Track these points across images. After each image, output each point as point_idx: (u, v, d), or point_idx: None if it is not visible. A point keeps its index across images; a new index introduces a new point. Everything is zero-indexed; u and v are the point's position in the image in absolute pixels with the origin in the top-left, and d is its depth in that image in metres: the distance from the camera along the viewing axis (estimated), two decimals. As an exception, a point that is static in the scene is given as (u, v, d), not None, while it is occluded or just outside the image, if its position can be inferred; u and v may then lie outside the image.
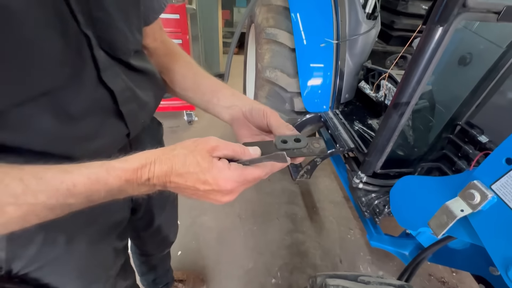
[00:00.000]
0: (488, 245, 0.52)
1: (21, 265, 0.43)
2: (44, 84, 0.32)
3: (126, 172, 0.32)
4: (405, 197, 0.79)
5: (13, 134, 0.33)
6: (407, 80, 0.73)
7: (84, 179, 0.31)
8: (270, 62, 1.36)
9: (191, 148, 0.34)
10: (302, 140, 0.40)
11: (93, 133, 0.40)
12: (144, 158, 0.33)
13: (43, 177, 0.30)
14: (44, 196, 0.29)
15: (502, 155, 0.49)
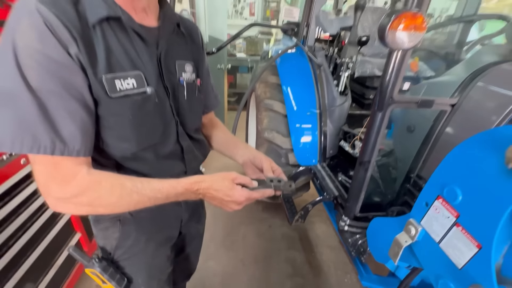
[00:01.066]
0: (424, 265, 0.72)
1: (119, 253, 0.70)
2: (154, 140, 0.63)
3: (186, 184, 0.59)
4: (376, 235, 1.00)
5: (136, 164, 0.63)
6: (365, 146, 1.01)
7: (168, 186, 0.57)
8: (268, 125, 1.68)
9: (222, 176, 0.62)
10: (281, 181, 0.68)
11: (170, 167, 0.70)
12: (196, 178, 0.60)
13: (150, 182, 0.57)
14: (149, 191, 0.56)
15: (423, 200, 0.73)
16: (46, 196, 0.53)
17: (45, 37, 0.46)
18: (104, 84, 0.53)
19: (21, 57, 0.45)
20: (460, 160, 0.63)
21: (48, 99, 0.47)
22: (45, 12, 0.46)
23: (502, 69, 0.92)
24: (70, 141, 0.50)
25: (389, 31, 0.66)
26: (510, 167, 0.50)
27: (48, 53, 0.46)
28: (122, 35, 0.56)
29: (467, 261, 0.60)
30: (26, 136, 0.47)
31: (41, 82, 0.46)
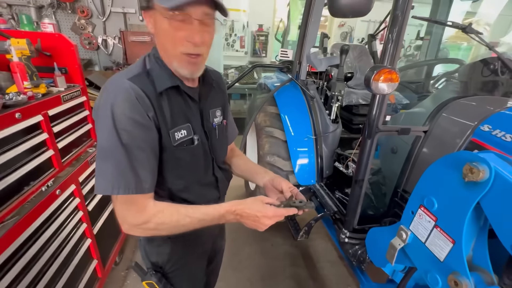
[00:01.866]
0: (417, 264, 0.89)
1: (169, 266, 0.84)
2: (199, 175, 0.81)
3: (226, 207, 0.71)
4: (374, 243, 1.16)
5: (185, 193, 0.79)
6: (359, 167, 1.21)
7: (213, 210, 0.70)
8: (269, 150, 1.87)
9: (253, 199, 0.73)
10: (302, 202, 0.81)
11: (209, 195, 0.87)
12: (233, 203, 0.72)
13: (198, 208, 0.70)
14: (198, 214, 0.69)
15: (409, 209, 0.92)
16: (122, 223, 0.68)
17: (136, 108, 0.63)
18: (170, 137, 0.71)
19: (117, 122, 0.62)
20: (433, 176, 0.83)
21: (134, 153, 0.63)
22: (135, 88, 0.64)
23: (460, 103, 1.18)
24: (145, 182, 0.66)
25: (373, 82, 0.89)
26: (466, 181, 0.70)
27: (137, 118, 0.63)
28: (179, 97, 0.74)
29: (446, 255, 0.78)
30: (121, 182, 0.63)
31: (130, 140, 0.63)
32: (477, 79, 1.27)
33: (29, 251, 1.03)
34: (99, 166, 0.65)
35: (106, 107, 0.63)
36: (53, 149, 1.20)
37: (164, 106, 0.70)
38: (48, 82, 1.30)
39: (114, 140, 0.62)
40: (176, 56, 0.68)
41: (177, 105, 0.73)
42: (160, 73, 0.70)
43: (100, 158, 0.65)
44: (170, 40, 0.66)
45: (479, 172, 0.66)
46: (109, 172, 0.63)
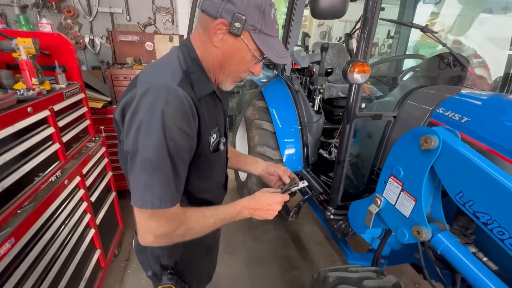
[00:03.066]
0: (389, 224, 1.08)
1: (181, 266, 0.86)
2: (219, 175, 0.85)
3: (242, 203, 0.77)
4: (354, 214, 1.35)
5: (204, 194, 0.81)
6: (340, 150, 1.39)
7: (232, 208, 0.75)
8: (259, 141, 2.02)
9: (260, 191, 0.82)
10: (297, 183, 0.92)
11: (221, 193, 0.92)
12: (245, 200, 0.78)
13: (219, 208, 0.73)
14: (220, 214, 0.72)
15: (382, 179, 1.10)
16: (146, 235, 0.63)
17: (186, 117, 0.60)
18: (209, 144, 0.71)
19: (167, 132, 0.57)
20: (399, 149, 1.02)
21: (177, 164, 0.61)
22: (187, 97, 0.60)
23: (421, 91, 1.39)
24: (181, 193, 0.65)
25: (349, 73, 1.06)
26: (422, 149, 0.88)
27: (185, 129, 0.60)
28: (212, 101, 0.74)
29: (411, 212, 0.96)
30: (168, 196, 0.60)
31: (175, 150, 0.59)
32: (435, 71, 1.49)
33: (44, 236, 1.10)
34: (145, 179, 0.59)
35: (153, 114, 0.57)
36: (59, 142, 1.28)
37: (203, 112, 0.67)
38: (50, 80, 1.37)
39: (163, 151, 0.58)
40: (233, 76, 0.72)
41: (211, 109, 0.72)
42: (200, 77, 0.68)
43: (145, 170, 0.59)
44: (239, 65, 0.68)
45: (431, 141, 0.85)
46: (156, 185, 0.59)
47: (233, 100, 4.51)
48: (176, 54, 0.68)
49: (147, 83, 0.60)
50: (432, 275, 1.13)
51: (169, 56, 0.70)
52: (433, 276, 1.12)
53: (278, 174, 0.97)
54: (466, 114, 1.07)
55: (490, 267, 0.82)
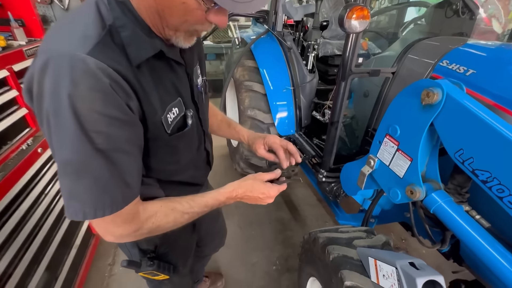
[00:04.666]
0: (382, 184, 1.04)
1: (163, 249, 0.80)
2: (193, 155, 0.72)
3: (226, 194, 0.67)
4: (347, 176, 1.31)
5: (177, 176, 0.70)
6: (334, 109, 1.30)
7: (211, 199, 0.65)
8: (249, 104, 1.91)
9: (253, 178, 0.70)
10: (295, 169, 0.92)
11: (203, 172, 0.82)
12: (232, 186, 0.68)
13: (195, 200, 0.63)
14: (197, 208, 0.62)
15: (376, 140, 1.04)
16: (104, 236, 0.54)
17: (110, 98, 0.43)
18: (164, 125, 0.55)
19: (86, 124, 0.42)
20: (397, 106, 0.94)
21: (116, 159, 0.46)
22: (106, 70, 0.42)
23: (424, 44, 1.26)
24: (133, 189, 0.51)
25: (346, 20, 0.93)
26: (423, 104, 0.80)
27: (114, 114, 0.44)
28: (162, 64, 0.54)
29: (405, 171, 0.92)
30: (106, 200, 0.47)
31: (108, 144, 0.45)
32: (441, 20, 1.35)
33: (22, 206, 1.05)
34: (69, 187, 0.46)
35: (59, 101, 0.41)
36: (26, 107, 1.16)
37: (147, 85, 0.50)
38: (6, 36, 1.20)
39: (85, 150, 0.43)
40: (184, 30, 0.52)
41: (163, 77, 0.54)
42: (134, 33, 0.47)
43: (66, 175, 0.45)
44: (184, 15, 0.48)
45: (434, 95, 0.77)
46: (86, 192, 0.45)
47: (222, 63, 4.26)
48: (95, 0, 0.47)
49: (46, 52, 0.43)
50: (421, 232, 1.14)
51: (86, 5, 0.48)
52: (422, 233, 1.13)
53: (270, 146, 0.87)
54: (471, 66, 0.97)
55: (483, 224, 0.81)
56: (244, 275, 1.69)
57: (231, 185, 0.69)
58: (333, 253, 0.91)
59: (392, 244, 0.98)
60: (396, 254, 0.78)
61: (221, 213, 1.28)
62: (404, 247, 1.94)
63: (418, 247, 1.96)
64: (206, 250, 1.26)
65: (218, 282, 1.57)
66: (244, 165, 2.20)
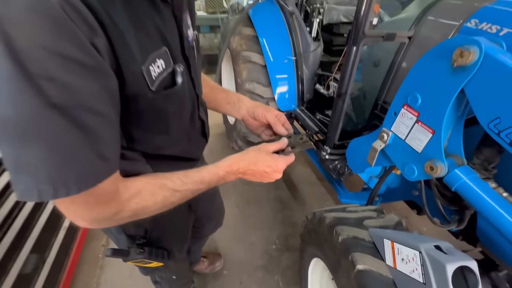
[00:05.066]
0: (395, 161, 0.95)
1: (154, 234, 0.70)
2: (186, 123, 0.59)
3: (225, 168, 0.56)
4: (354, 152, 1.22)
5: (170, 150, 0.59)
6: (343, 78, 1.18)
7: (208, 173, 0.54)
8: (247, 76, 1.76)
9: (257, 150, 0.59)
10: (303, 137, 0.68)
11: (197, 146, 0.69)
12: (232, 159, 0.57)
13: (188, 175, 0.52)
14: (190, 185, 0.51)
15: (391, 111, 0.93)
16: (75, 220, 0.42)
17: (62, 29, 0.30)
18: (145, 77, 0.42)
19: (29, 65, 0.29)
20: (420, 71, 0.82)
21: (84, 120, 0.34)
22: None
23: (446, 3, 1.12)
24: (108, 161, 0.39)
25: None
26: (455, 66, 0.69)
27: (70, 53, 0.31)
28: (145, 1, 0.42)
29: (425, 146, 0.82)
30: (70, 175, 0.35)
31: (70, 100, 0.32)
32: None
33: None
34: (15, 156, 0.33)
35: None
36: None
37: (121, 20, 0.37)
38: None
39: (31, 103, 0.30)
40: None
41: (143, 16, 0.42)
42: None
43: (9, 142, 0.33)
44: None
45: (469, 54, 0.65)
46: (39, 162, 0.33)
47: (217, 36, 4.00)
48: None
49: None
50: (433, 212, 1.08)
51: None
52: (433, 213, 1.06)
53: (267, 120, 0.72)
54: (506, 24, 0.85)
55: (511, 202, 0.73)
56: (243, 254, 1.65)
57: (231, 158, 0.58)
58: (342, 234, 0.83)
59: (404, 224, 0.91)
60: (418, 236, 0.71)
61: (218, 192, 1.19)
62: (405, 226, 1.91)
63: (419, 224, 1.93)
64: (203, 231, 1.19)
65: (217, 262, 1.52)
66: (242, 143, 2.09)
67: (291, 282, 1.51)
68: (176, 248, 0.79)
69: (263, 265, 1.59)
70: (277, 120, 0.71)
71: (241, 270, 1.56)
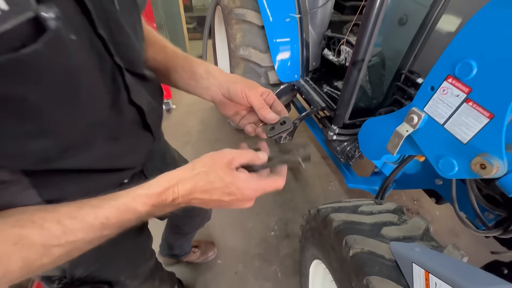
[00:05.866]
0: (426, 151, 0.74)
1: (82, 270, 0.51)
2: (94, 115, 0.35)
3: (151, 198, 0.35)
4: (369, 135, 1.00)
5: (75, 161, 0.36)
6: (360, 41, 0.91)
7: (115, 211, 0.33)
8: (242, 40, 1.47)
9: (211, 165, 0.37)
10: (287, 121, 0.45)
11: (132, 147, 0.44)
12: (166, 181, 0.36)
13: (77, 216, 0.32)
14: (81, 233, 0.32)
15: (428, 85, 0.70)
16: None
17: None
18: None
19: None
20: (480, 27, 0.57)
21: None
22: None
23: None
24: None
25: None
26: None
27: None
28: None
29: (474, 134, 0.60)
30: None
31: None
32: None
33: None
34: None
35: None
36: None
37: None
38: None
39: None
40: None
41: None
42: None
43: None
44: None
45: None
46: None
47: None
48: None
49: None
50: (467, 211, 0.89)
51: None
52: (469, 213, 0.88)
53: (249, 101, 0.47)
54: None
55: None
56: (238, 242, 1.52)
57: (166, 179, 0.37)
58: (355, 248, 0.65)
59: (431, 229, 0.72)
60: (461, 264, 0.52)
61: None
62: (416, 209, 1.76)
63: (431, 208, 1.77)
64: (185, 229, 1.03)
65: (210, 252, 1.40)
66: (238, 119, 1.86)
67: (290, 272, 1.40)
68: (126, 276, 0.60)
69: (260, 253, 1.47)
70: (263, 102, 0.47)
71: (237, 259, 1.44)
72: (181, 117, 2.42)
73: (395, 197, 1.81)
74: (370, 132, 0.99)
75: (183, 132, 2.22)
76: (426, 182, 1.15)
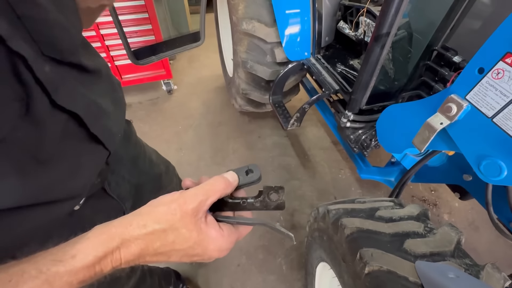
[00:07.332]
0: (464, 149, 0.60)
1: None
2: None
3: (77, 275, 0.25)
4: (390, 125, 0.86)
5: None
6: (386, 11, 0.75)
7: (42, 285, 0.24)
8: (245, 12, 1.30)
9: (170, 222, 0.28)
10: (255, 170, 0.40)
11: (72, 170, 0.33)
12: (102, 245, 0.26)
13: None
14: None
15: (475, 66, 0.55)
16: None
17: None
18: None
19: None
20: None
21: None
22: None
23: None
24: None
25: None
26: None
27: None
28: None
29: (537, 133, 0.47)
30: None
31: None
32: None
33: None
34: None
35: None
36: None
37: None
38: None
39: None
40: None
41: None
42: None
43: None
44: None
45: None
46: None
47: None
48: None
49: None
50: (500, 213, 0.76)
51: None
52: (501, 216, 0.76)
53: None
54: None
55: None
56: (242, 232, 1.46)
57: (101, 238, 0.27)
58: (371, 264, 0.55)
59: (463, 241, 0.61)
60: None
61: None
62: (434, 200, 1.64)
63: (450, 198, 1.65)
64: None
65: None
66: (242, 102, 1.73)
67: (295, 265, 1.34)
68: None
69: (265, 245, 1.41)
70: None
71: (240, 250, 1.39)
72: (182, 98, 2.29)
73: (410, 187, 1.68)
74: (392, 121, 0.85)
75: (185, 115, 2.11)
76: (452, 177, 1.01)
